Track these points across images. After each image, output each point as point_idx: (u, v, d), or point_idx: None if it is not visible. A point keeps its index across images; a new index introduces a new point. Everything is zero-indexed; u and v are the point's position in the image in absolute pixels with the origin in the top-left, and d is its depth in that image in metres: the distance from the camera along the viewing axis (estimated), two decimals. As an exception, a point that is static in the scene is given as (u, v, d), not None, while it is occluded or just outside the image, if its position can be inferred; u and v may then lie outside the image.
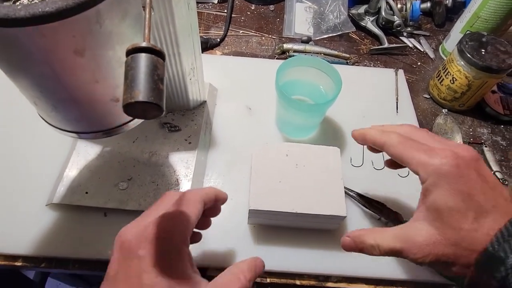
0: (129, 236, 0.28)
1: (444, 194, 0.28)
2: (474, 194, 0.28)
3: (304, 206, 0.41)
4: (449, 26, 0.74)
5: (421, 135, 0.34)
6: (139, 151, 0.48)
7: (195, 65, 0.46)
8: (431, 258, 0.29)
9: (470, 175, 0.28)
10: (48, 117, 0.31)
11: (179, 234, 0.28)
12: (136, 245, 0.27)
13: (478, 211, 0.27)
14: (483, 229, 0.27)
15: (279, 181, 0.43)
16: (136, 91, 0.20)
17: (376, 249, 0.32)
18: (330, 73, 0.48)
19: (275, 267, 0.42)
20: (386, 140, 0.34)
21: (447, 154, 0.29)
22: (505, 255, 0.25)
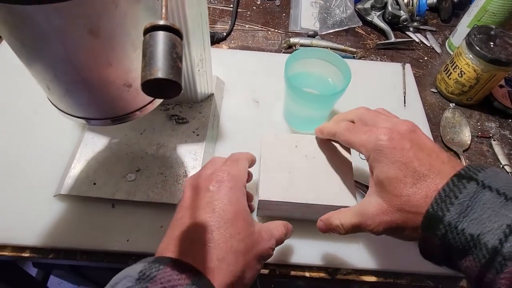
0: (198, 179, 0.34)
1: (383, 167, 0.31)
2: (409, 162, 0.30)
3: (314, 197, 0.40)
4: (455, 21, 0.74)
5: (371, 116, 0.37)
6: (147, 142, 0.48)
7: (204, 56, 0.46)
8: (383, 226, 0.31)
9: (404, 146, 0.31)
10: (59, 102, 0.31)
11: (240, 179, 0.34)
12: (206, 184, 0.33)
13: (415, 176, 0.30)
14: (421, 191, 0.29)
15: (289, 172, 0.42)
16: (155, 68, 0.19)
17: (341, 228, 0.35)
18: (339, 65, 0.48)
19: (285, 259, 0.42)
20: (337, 129, 0.39)
21: (382, 131, 0.32)
22: (443, 213, 0.27)
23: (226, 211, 0.31)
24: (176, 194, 0.43)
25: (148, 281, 0.25)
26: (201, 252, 0.29)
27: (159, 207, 0.43)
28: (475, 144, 0.56)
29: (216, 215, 0.31)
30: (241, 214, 0.32)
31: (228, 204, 0.31)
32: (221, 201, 0.31)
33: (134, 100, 0.31)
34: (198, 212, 0.31)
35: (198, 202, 0.32)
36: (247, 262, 0.31)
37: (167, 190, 0.43)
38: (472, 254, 0.25)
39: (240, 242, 0.30)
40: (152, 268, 0.26)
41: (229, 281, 0.29)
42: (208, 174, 0.34)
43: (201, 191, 0.33)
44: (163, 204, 0.43)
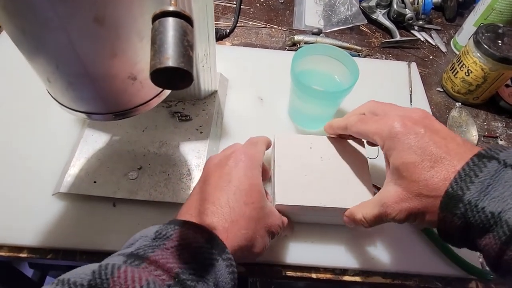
0: (218, 158, 0.37)
1: (399, 153, 0.31)
2: (425, 146, 0.30)
3: (332, 200, 0.39)
4: (459, 20, 0.73)
5: (382, 106, 0.37)
6: (149, 140, 0.46)
7: (208, 51, 0.45)
8: (404, 213, 0.31)
9: (418, 131, 0.31)
10: (60, 95, 0.29)
11: (257, 157, 0.37)
12: (225, 161, 0.35)
13: (432, 159, 0.29)
14: (440, 174, 0.28)
15: (305, 175, 0.41)
16: (165, 56, 0.18)
17: (364, 221, 0.35)
18: (346, 62, 0.47)
19: (291, 260, 0.41)
20: (347, 122, 0.39)
21: (395, 118, 0.32)
22: (462, 192, 0.26)
23: (242, 182, 0.33)
24: (179, 193, 0.42)
25: (165, 239, 0.27)
26: (216, 215, 0.31)
27: (162, 206, 0.42)
28: (481, 144, 0.55)
29: (232, 183, 0.33)
30: (255, 187, 0.34)
31: (244, 176, 0.34)
32: (238, 173, 0.34)
33: (138, 94, 0.30)
34: (216, 181, 0.34)
35: (217, 173, 0.35)
36: (258, 229, 0.32)
37: (170, 189, 0.42)
38: (492, 232, 0.25)
39: (253, 210, 0.32)
40: (168, 228, 0.28)
41: (241, 243, 0.31)
42: (227, 153, 0.37)
43: (220, 166, 0.35)
44: (166, 203, 0.42)
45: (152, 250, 0.26)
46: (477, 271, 0.39)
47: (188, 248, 0.27)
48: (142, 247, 0.27)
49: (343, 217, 0.39)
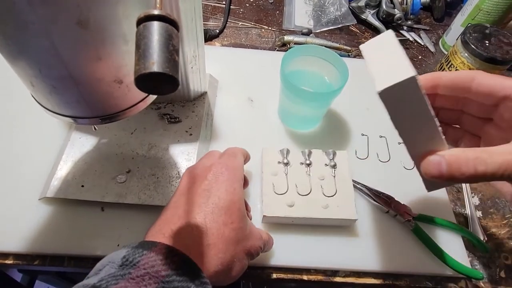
0: (197, 169, 0.35)
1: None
2: None
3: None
4: (447, 20, 0.74)
5: None
6: (138, 143, 0.46)
7: (197, 52, 0.44)
8: None
9: None
10: (45, 100, 0.29)
11: (238, 172, 0.35)
12: (204, 174, 0.33)
13: None
14: None
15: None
16: (150, 61, 0.18)
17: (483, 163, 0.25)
18: (336, 63, 0.47)
19: (282, 262, 0.41)
20: (474, 74, 0.29)
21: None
22: None
23: (222, 199, 0.31)
24: (169, 196, 0.41)
25: (131, 267, 0.24)
26: (191, 236, 0.29)
27: (151, 210, 0.41)
28: (470, 143, 0.55)
29: (211, 201, 0.31)
30: (236, 205, 0.32)
31: (224, 192, 0.32)
32: (217, 189, 0.32)
33: (125, 98, 0.30)
34: (193, 197, 0.31)
35: (195, 189, 0.32)
36: (236, 252, 0.31)
37: (160, 192, 0.42)
38: None
39: (232, 231, 0.30)
40: (136, 253, 0.25)
41: (217, 268, 0.29)
42: (207, 165, 0.35)
43: (198, 179, 0.33)
44: (156, 207, 0.41)
45: (115, 282, 0.23)
46: (466, 270, 0.40)
47: (156, 277, 0.24)
48: (105, 278, 0.24)
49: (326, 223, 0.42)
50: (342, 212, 0.41)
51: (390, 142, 0.52)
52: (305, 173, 0.44)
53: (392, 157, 0.51)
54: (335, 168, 0.45)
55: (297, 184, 0.43)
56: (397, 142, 0.52)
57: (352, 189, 0.43)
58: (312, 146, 0.47)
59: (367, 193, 0.45)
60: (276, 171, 0.44)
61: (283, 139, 0.51)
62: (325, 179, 0.44)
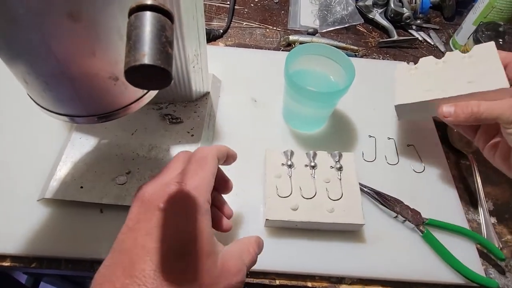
0: (151, 190, 0.27)
1: None
2: None
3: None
4: (458, 19, 0.72)
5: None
6: (138, 143, 0.45)
7: (199, 51, 0.43)
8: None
9: None
10: (39, 97, 0.28)
11: (202, 191, 0.27)
12: (157, 199, 0.26)
13: None
14: None
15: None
16: (141, 53, 0.17)
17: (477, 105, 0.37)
18: (342, 62, 0.46)
19: (285, 267, 0.39)
20: None
21: None
22: None
23: (178, 239, 0.25)
24: (169, 198, 0.40)
25: None
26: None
27: (151, 212, 0.40)
28: (482, 145, 0.53)
29: (163, 244, 0.24)
30: (197, 243, 0.25)
31: (180, 231, 0.25)
32: (171, 226, 0.25)
33: (122, 95, 0.29)
34: (141, 238, 0.25)
35: (143, 225, 0.25)
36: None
37: (160, 194, 0.41)
38: None
39: (194, 281, 0.24)
40: None
41: None
42: (162, 184, 0.27)
43: (149, 210, 0.26)
44: (155, 209, 0.40)
45: None
46: (480, 279, 0.38)
47: None
48: None
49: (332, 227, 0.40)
50: (348, 217, 0.39)
51: (399, 144, 0.50)
52: (310, 176, 0.43)
53: (401, 160, 0.49)
54: (341, 171, 0.43)
55: (301, 187, 0.42)
56: (406, 144, 0.50)
57: (359, 193, 0.41)
58: (317, 147, 0.46)
59: (374, 197, 0.44)
60: (280, 173, 0.42)
61: (287, 141, 0.50)
62: (330, 182, 0.42)
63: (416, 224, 0.42)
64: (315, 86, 0.46)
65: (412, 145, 0.50)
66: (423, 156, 0.49)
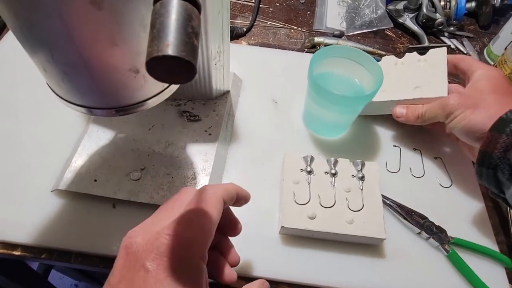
0: (139, 240, 0.23)
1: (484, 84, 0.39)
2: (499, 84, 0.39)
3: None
4: (494, 28, 0.68)
5: None
6: (155, 139, 0.44)
7: (222, 48, 0.42)
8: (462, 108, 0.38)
9: None
10: (57, 87, 0.27)
11: (197, 246, 0.23)
12: (144, 255, 0.23)
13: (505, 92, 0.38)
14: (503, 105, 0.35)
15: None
16: (165, 43, 0.15)
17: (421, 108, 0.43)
18: (369, 66, 0.44)
19: (298, 278, 0.37)
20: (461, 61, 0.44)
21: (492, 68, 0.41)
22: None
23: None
24: (182, 198, 0.39)
25: None
26: None
27: (164, 210, 0.39)
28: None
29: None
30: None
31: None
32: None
33: (141, 89, 0.28)
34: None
35: (125, 285, 0.23)
36: None
37: (173, 193, 0.39)
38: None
39: None
40: None
41: None
42: (153, 234, 0.23)
43: (133, 267, 0.23)
44: (168, 208, 0.39)
45: None
46: None
47: None
48: None
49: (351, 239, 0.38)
50: (369, 230, 0.37)
51: (426, 156, 0.48)
52: (330, 184, 0.41)
53: (427, 173, 0.46)
54: (363, 180, 0.41)
55: (320, 194, 0.40)
56: (434, 157, 0.48)
57: (381, 205, 0.39)
58: (338, 154, 0.44)
59: (397, 210, 0.41)
60: (298, 179, 0.41)
61: (307, 145, 0.48)
62: (351, 192, 0.40)
63: (441, 242, 0.39)
64: (340, 90, 0.44)
65: (439, 158, 0.47)
66: (451, 170, 0.46)
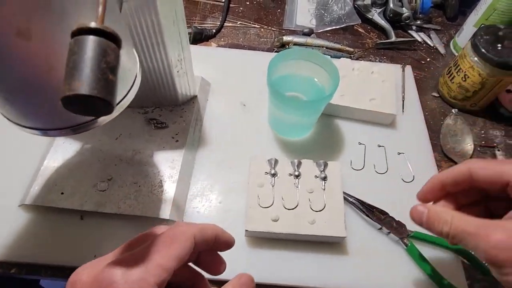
0: (84, 278, 0.21)
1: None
2: None
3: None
4: (461, 20, 0.69)
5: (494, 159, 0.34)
6: (122, 149, 0.44)
7: (182, 56, 0.42)
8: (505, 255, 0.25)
9: None
10: (4, 111, 0.27)
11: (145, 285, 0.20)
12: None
13: None
14: None
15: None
16: (76, 82, 0.16)
17: (449, 225, 0.29)
18: (326, 66, 0.44)
19: (266, 278, 0.39)
20: (470, 166, 0.31)
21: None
22: None
23: None
24: (149, 206, 0.40)
25: None
26: None
27: (131, 219, 0.40)
28: (477, 154, 0.51)
29: None
30: None
31: None
32: None
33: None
34: None
35: None
36: None
37: (140, 202, 0.40)
38: None
39: None
40: None
41: None
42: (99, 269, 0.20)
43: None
44: (136, 217, 0.40)
45: None
46: None
47: None
48: None
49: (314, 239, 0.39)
50: (329, 229, 0.39)
51: (389, 152, 0.49)
52: (293, 185, 0.42)
53: (390, 168, 0.47)
54: (325, 181, 0.42)
55: (283, 196, 0.41)
56: (397, 152, 0.49)
57: (342, 204, 0.41)
58: (304, 154, 0.45)
59: (359, 207, 0.43)
60: (263, 183, 0.42)
61: (274, 147, 0.49)
62: (313, 192, 0.41)
63: (400, 236, 0.41)
64: (301, 92, 0.45)
65: (402, 153, 0.49)
66: (414, 164, 0.48)
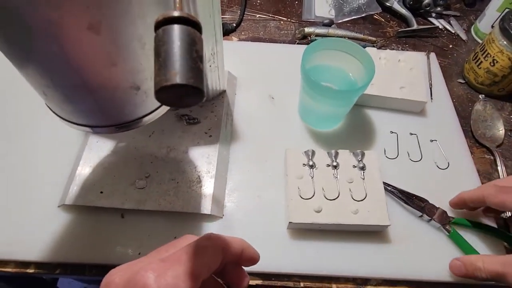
0: (117, 279, 0.21)
1: None
2: None
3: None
4: (480, 5, 0.69)
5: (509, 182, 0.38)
6: (156, 146, 0.44)
7: (215, 50, 0.42)
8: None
9: None
10: (58, 109, 0.27)
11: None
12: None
13: None
14: None
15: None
16: (172, 72, 0.15)
17: (483, 270, 0.34)
18: (361, 57, 0.44)
19: (309, 269, 0.39)
20: (485, 193, 0.37)
21: None
22: None
23: None
24: (190, 202, 0.40)
25: None
26: None
27: (172, 216, 0.40)
28: (508, 139, 0.51)
29: None
30: None
31: None
32: None
33: (143, 104, 0.28)
34: None
35: None
36: None
37: (180, 198, 0.40)
38: None
39: None
40: None
41: None
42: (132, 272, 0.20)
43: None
44: (176, 213, 0.40)
45: None
46: None
47: None
48: None
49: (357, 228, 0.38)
50: (373, 218, 0.39)
51: (422, 140, 0.49)
52: (332, 176, 0.42)
53: (424, 156, 0.47)
54: (364, 170, 0.42)
55: (324, 187, 0.41)
56: (429, 140, 0.49)
57: (384, 192, 0.40)
58: (337, 145, 0.45)
59: (398, 196, 0.42)
60: (301, 174, 0.42)
61: (306, 139, 0.48)
62: (353, 182, 0.41)
63: (442, 223, 0.41)
64: (333, 82, 0.45)
65: (435, 140, 0.49)
66: (447, 151, 0.48)
